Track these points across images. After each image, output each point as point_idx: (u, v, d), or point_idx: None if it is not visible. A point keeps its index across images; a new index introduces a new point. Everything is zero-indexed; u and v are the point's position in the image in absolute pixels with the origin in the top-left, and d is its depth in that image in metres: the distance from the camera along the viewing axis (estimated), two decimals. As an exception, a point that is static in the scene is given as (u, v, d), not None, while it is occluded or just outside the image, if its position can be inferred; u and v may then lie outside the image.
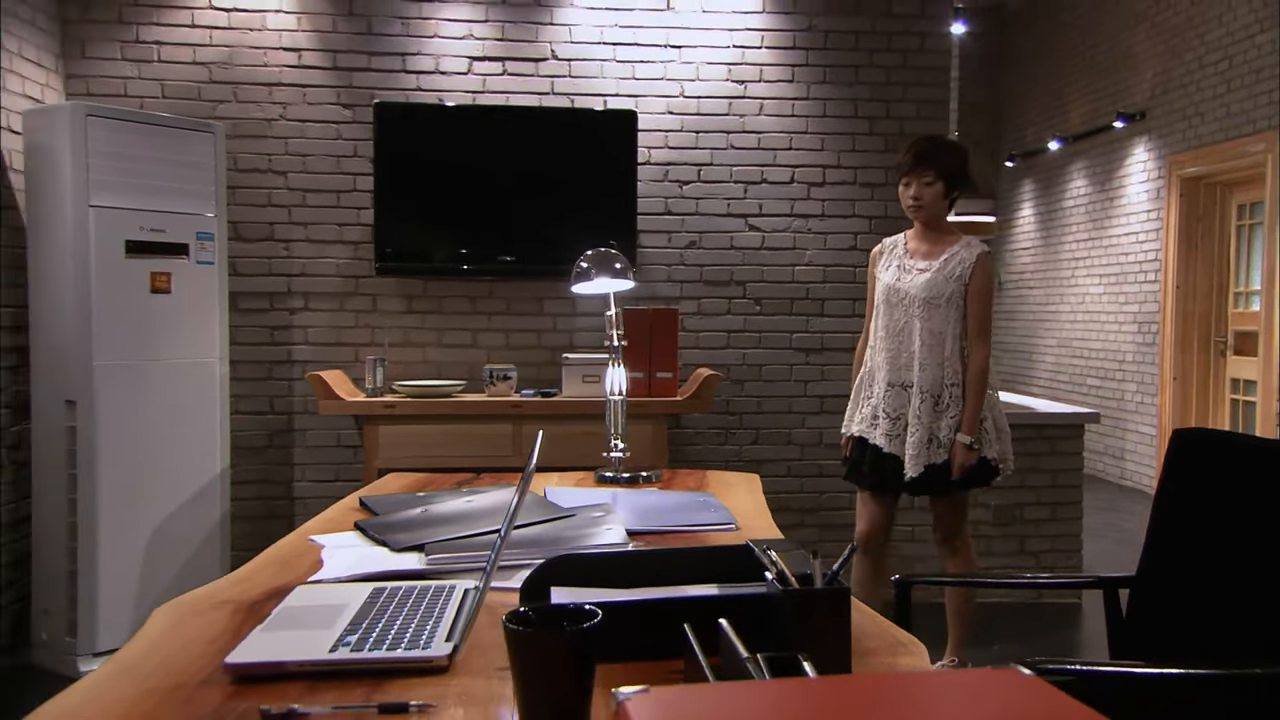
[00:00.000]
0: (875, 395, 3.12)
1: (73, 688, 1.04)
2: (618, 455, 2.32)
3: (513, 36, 4.17)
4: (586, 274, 2.26)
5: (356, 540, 1.68)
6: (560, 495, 1.99)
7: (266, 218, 4.10)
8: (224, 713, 0.98)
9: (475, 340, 4.19)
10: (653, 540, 1.70)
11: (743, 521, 1.87)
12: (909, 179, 3.03)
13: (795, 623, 1.07)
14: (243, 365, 4.05)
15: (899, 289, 3.08)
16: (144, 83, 4.05)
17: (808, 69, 4.28)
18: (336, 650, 1.09)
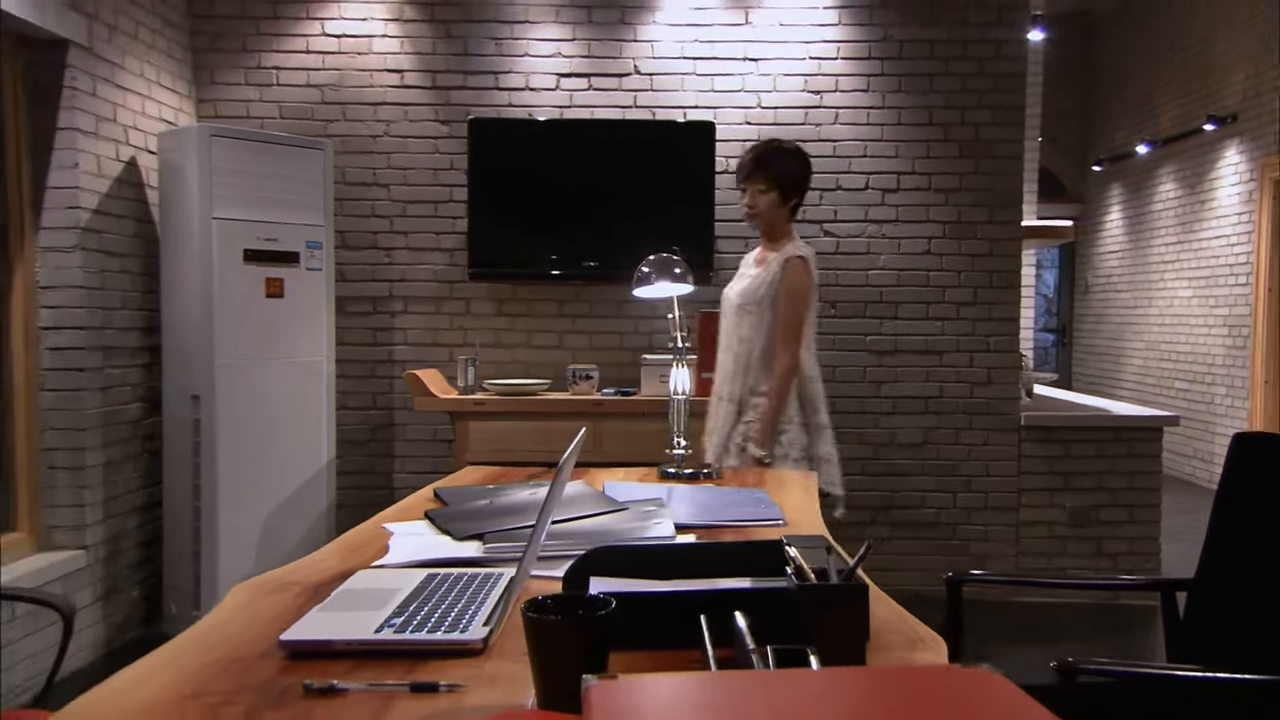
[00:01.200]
0: (711, 412, 2.97)
1: (148, 656, 1.10)
2: (679, 452, 2.32)
3: (598, 53, 4.20)
4: (647, 278, 2.27)
5: (424, 529, 1.72)
6: (618, 490, 2.00)
7: (370, 227, 4.22)
8: (273, 685, 1.02)
9: (561, 341, 4.24)
10: (702, 534, 1.70)
11: (792, 518, 1.86)
12: (744, 186, 2.86)
13: (810, 617, 1.06)
14: (348, 364, 4.19)
15: (727, 297, 2.95)
16: (264, 105, 4.21)
17: (883, 78, 4.20)
18: (381, 631, 1.13)
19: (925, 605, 2.01)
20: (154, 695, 0.98)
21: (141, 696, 0.98)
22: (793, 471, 2.50)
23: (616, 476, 2.30)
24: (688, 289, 2.30)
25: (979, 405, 4.26)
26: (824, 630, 1.05)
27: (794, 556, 1.14)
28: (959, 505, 4.28)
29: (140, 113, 3.78)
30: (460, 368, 3.91)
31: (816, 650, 0.99)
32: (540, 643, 0.94)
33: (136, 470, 3.73)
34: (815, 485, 2.23)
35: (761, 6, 4.18)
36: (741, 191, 2.87)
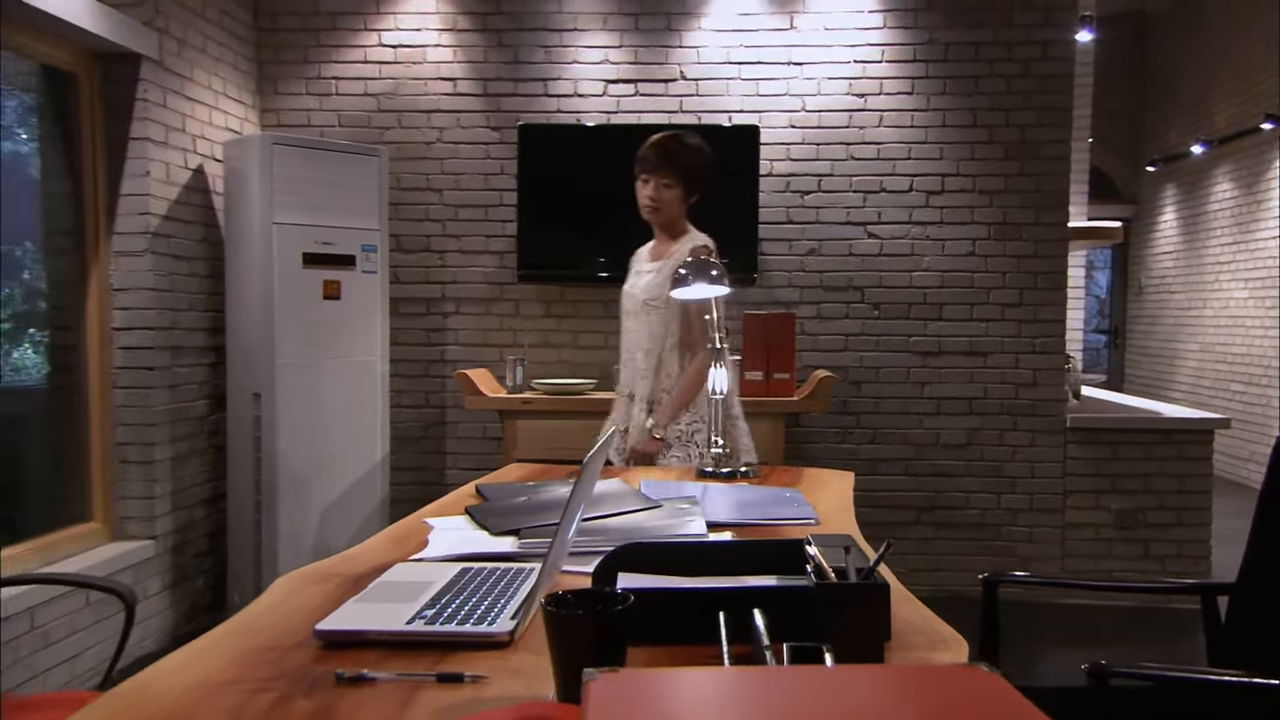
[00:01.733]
0: (616, 411, 2.85)
1: (193, 642, 1.13)
2: (717, 451, 2.32)
3: (645, 60, 4.21)
4: (684, 280, 2.27)
5: (463, 524, 1.74)
6: (653, 488, 2.01)
7: (424, 231, 4.28)
8: (306, 673, 1.04)
9: (607, 342, 4.25)
10: (734, 533, 1.70)
11: (825, 517, 1.84)
12: (648, 178, 2.68)
13: (827, 615, 1.05)
14: (402, 364, 4.25)
15: (629, 295, 2.80)
16: (324, 114, 4.29)
17: (927, 81, 4.15)
18: (412, 623, 1.14)
19: (969, 606, 1.98)
20: (194, 680, 1.01)
21: (183, 681, 1.01)
22: (828, 471, 2.47)
23: (654, 475, 2.31)
24: (724, 290, 2.30)
25: (1024, 407, 4.19)
26: (841, 629, 1.04)
27: (814, 555, 1.14)
28: (1003, 506, 4.21)
29: (207, 122, 3.88)
30: (509, 367, 3.95)
31: (833, 648, 0.99)
32: (559, 636, 0.94)
33: (202, 464, 3.82)
34: (851, 484, 2.21)
35: (806, 11, 4.15)
36: (642, 183, 2.70)
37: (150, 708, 0.93)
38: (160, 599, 3.56)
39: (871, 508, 4.20)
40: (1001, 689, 0.61)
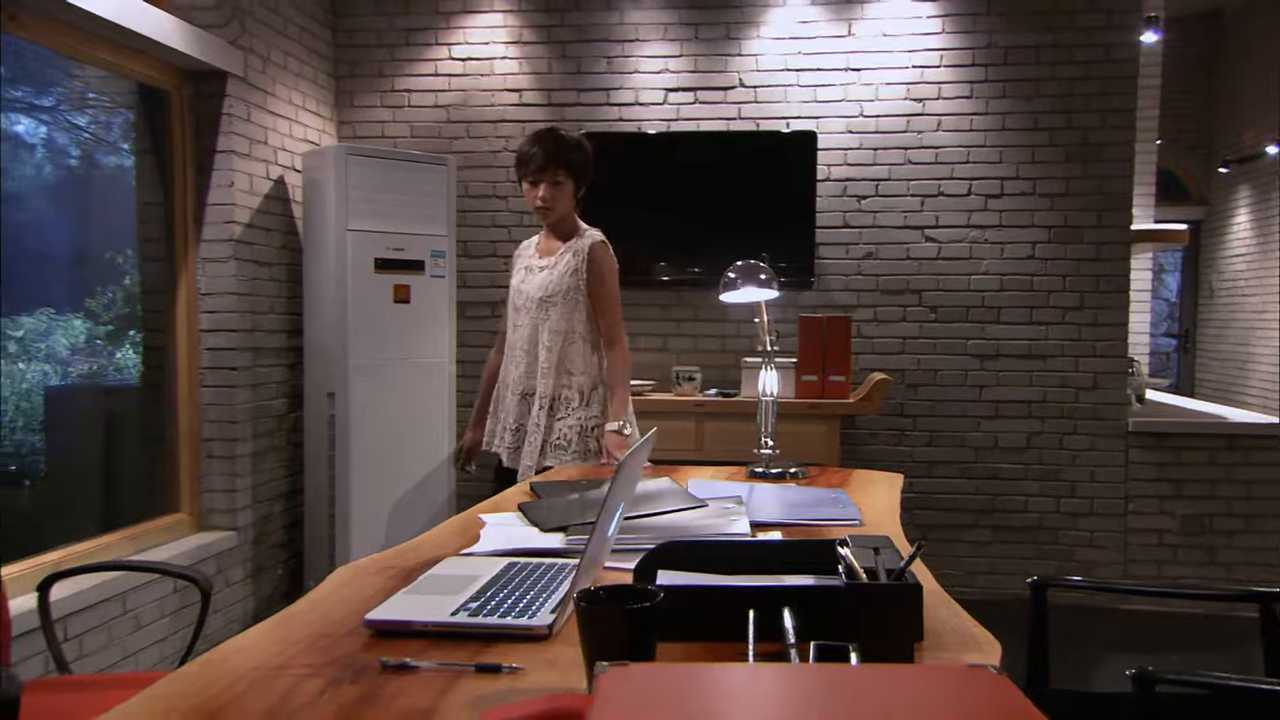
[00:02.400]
0: (504, 408, 2.77)
1: (253, 628, 1.17)
2: (767, 452, 2.31)
3: (704, 68, 4.21)
4: (734, 284, 2.27)
5: (515, 520, 1.77)
6: (701, 487, 2.01)
7: (490, 237, 4.34)
8: (353, 660, 1.07)
9: (665, 344, 4.26)
10: (779, 533, 1.69)
11: (870, 518, 1.82)
12: (537, 178, 2.62)
13: (856, 615, 1.04)
14: (469, 364, 4.31)
15: (521, 292, 2.72)
16: (397, 125, 4.38)
17: (986, 85, 4.06)
18: (457, 614, 1.17)
19: (1026, 610, 1.94)
20: (250, 664, 1.05)
21: (241, 664, 1.05)
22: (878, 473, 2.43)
23: (706, 475, 2.31)
24: (773, 294, 2.28)
25: (1084, 410, 4.07)
26: (869, 628, 1.03)
27: (845, 555, 1.13)
28: (1063, 510, 4.10)
29: (288, 135, 3.99)
30: (571, 369, 3.98)
31: (860, 647, 0.98)
32: (589, 629, 0.96)
33: (281, 460, 3.93)
34: (899, 486, 2.18)
35: (864, 18, 4.10)
36: (530, 184, 2.64)
37: (208, 689, 0.97)
38: (242, 586, 3.68)
39: (928, 510, 4.14)
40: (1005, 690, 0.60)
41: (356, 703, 0.95)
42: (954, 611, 1.25)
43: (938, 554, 4.14)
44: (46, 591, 1.95)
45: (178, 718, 0.90)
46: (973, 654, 1.11)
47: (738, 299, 2.32)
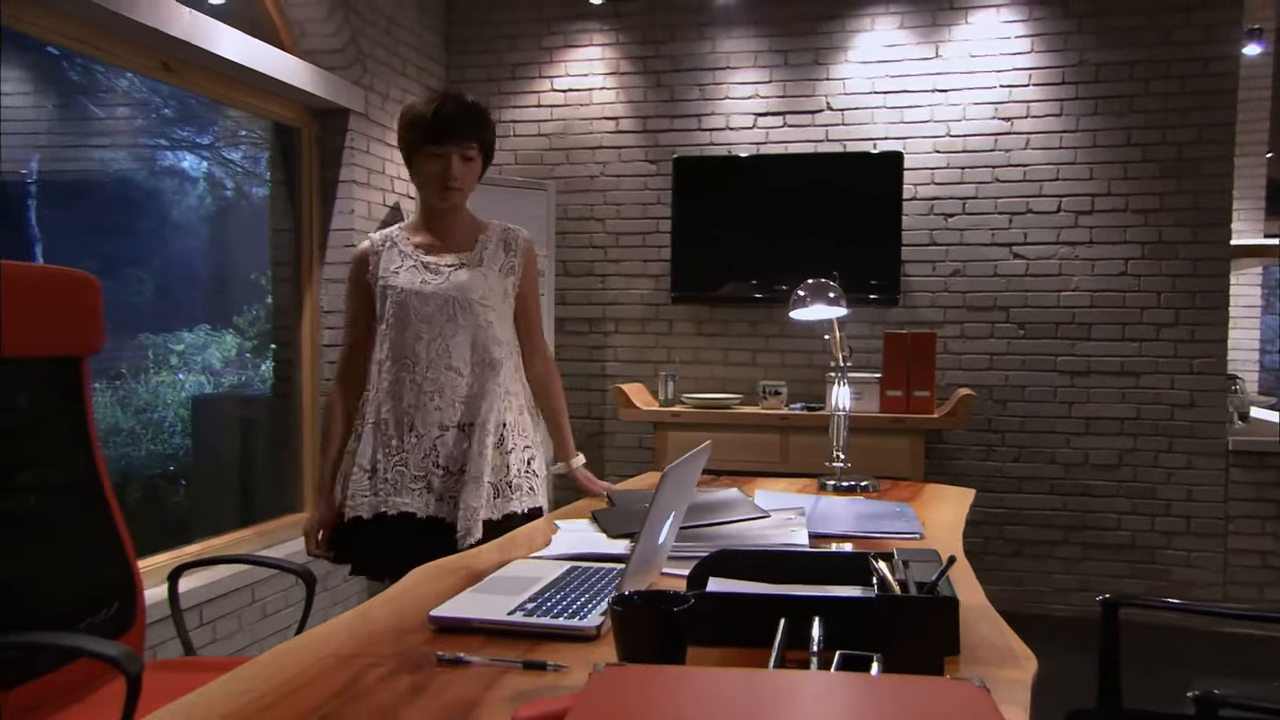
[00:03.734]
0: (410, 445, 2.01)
1: (334, 619, 1.23)
2: (838, 465, 2.28)
3: (792, 93, 4.19)
4: (803, 301, 2.25)
5: (587, 526, 1.80)
6: (767, 499, 2.00)
7: (587, 257, 4.42)
8: (415, 653, 1.12)
9: (754, 359, 4.25)
10: (834, 544, 1.67)
11: (931, 532, 1.79)
12: (444, 150, 1.95)
13: (884, 626, 1.03)
14: (567, 378, 4.39)
15: (428, 294, 2.00)
16: (503, 153, 4.51)
17: (1077, 102, 3.92)
18: (513, 614, 1.20)
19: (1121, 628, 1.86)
20: (325, 652, 1.11)
21: (315, 653, 1.11)
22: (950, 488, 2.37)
23: (779, 486, 2.30)
24: (841, 312, 2.26)
25: (1181, 428, 3.86)
26: (896, 640, 1.02)
27: (878, 568, 1.12)
28: (1157, 529, 3.89)
29: (404, 165, 4.16)
30: (661, 382, 4.01)
31: (884, 658, 0.97)
32: (622, 632, 0.98)
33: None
34: (969, 501, 2.12)
35: (952, 40, 4.02)
36: (432, 156, 1.96)
37: (281, 675, 1.03)
38: (357, 581, 3.83)
39: (1016, 525, 3.99)
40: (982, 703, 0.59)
41: (410, 692, 0.99)
42: (997, 626, 1.22)
43: (1027, 569, 3.98)
44: (176, 581, 2.09)
45: (254, 698, 0.97)
46: (1009, 669, 1.08)
47: (807, 316, 2.30)
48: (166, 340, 3.76)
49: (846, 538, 1.71)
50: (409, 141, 1.99)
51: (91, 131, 5.47)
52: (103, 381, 3.57)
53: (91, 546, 1.85)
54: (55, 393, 1.82)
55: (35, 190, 5.31)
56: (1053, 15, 3.92)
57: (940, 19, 4.02)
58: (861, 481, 2.25)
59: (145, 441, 3.57)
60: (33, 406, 1.78)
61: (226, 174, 4.06)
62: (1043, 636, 3.70)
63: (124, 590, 1.88)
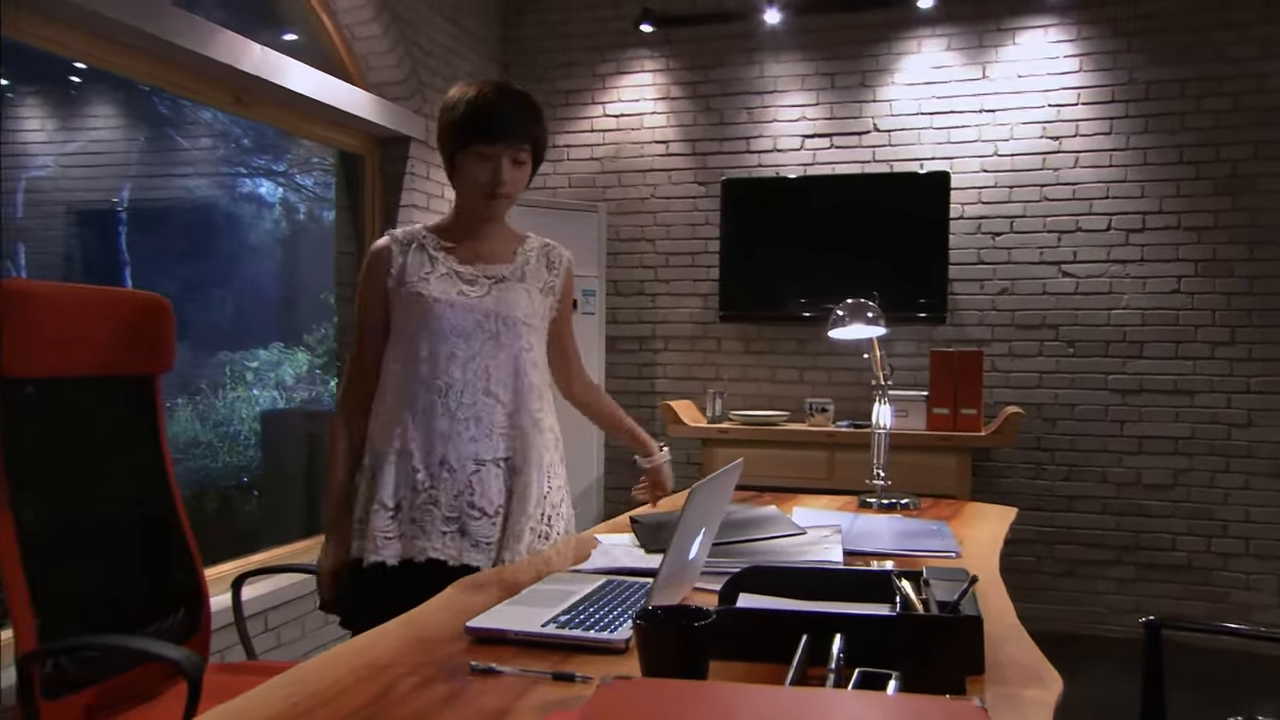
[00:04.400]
0: (442, 482, 1.68)
1: (377, 629, 1.26)
2: (879, 483, 2.26)
3: (839, 115, 4.17)
4: (842, 320, 2.24)
5: (626, 541, 1.81)
6: (805, 516, 1.99)
7: (638, 277, 4.45)
8: (450, 662, 1.14)
9: (801, 377, 4.22)
10: (870, 561, 1.66)
11: (969, 551, 1.76)
12: (494, 151, 1.65)
13: (905, 644, 1.02)
14: (618, 395, 4.41)
15: (467, 307, 1.70)
16: (557, 176, 4.58)
17: (1127, 120, 3.83)
18: (546, 626, 1.22)
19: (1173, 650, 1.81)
20: (364, 661, 1.14)
21: (356, 661, 1.14)
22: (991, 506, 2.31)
23: (820, 503, 2.28)
24: (880, 331, 2.24)
25: (1238, 448, 3.73)
26: (916, 658, 1.01)
27: (900, 586, 1.11)
28: (1214, 550, 3.76)
29: (459, 187, 4.25)
30: (709, 399, 4.01)
31: (903, 676, 0.96)
32: (644, 647, 0.98)
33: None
34: (1009, 520, 2.08)
35: (999, 60, 3.96)
36: (480, 157, 1.66)
37: (321, 681, 1.06)
38: (414, 590, 3.89)
39: (1067, 544, 3.89)
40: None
41: (441, 700, 1.01)
42: (1025, 646, 1.20)
43: (1080, 589, 3.87)
44: (239, 589, 2.15)
45: (293, 703, 1.00)
46: (1033, 689, 1.06)
47: (846, 335, 2.29)
48: (243, 358, 3.89)
49: (882, 555, 1.69)
50: (453, 139, 1.68)
51: (177, 161, 5.70)
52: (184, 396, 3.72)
53: (162, 555, 1.92)
54: (132, 410, 1.90)
55: (125, 217, 5.55)
56: (1101, 34, 3.84)
57: (987, 40, 3.97)
58: (902, 499, 2.23)
59: (221, 454, 3.69)
60: (112, 423, 1.86)
61: (300, 199, 4.19)
62: (1094, 658, 3.60)
63: (190, 596, 1.95)
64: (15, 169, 5.24)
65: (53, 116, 5.20)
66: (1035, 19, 3.91)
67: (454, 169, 1.71)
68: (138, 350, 1.89)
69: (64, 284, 1.81)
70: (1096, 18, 3.85)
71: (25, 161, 5.27)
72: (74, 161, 5.40)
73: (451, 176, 1.74)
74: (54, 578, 1.65)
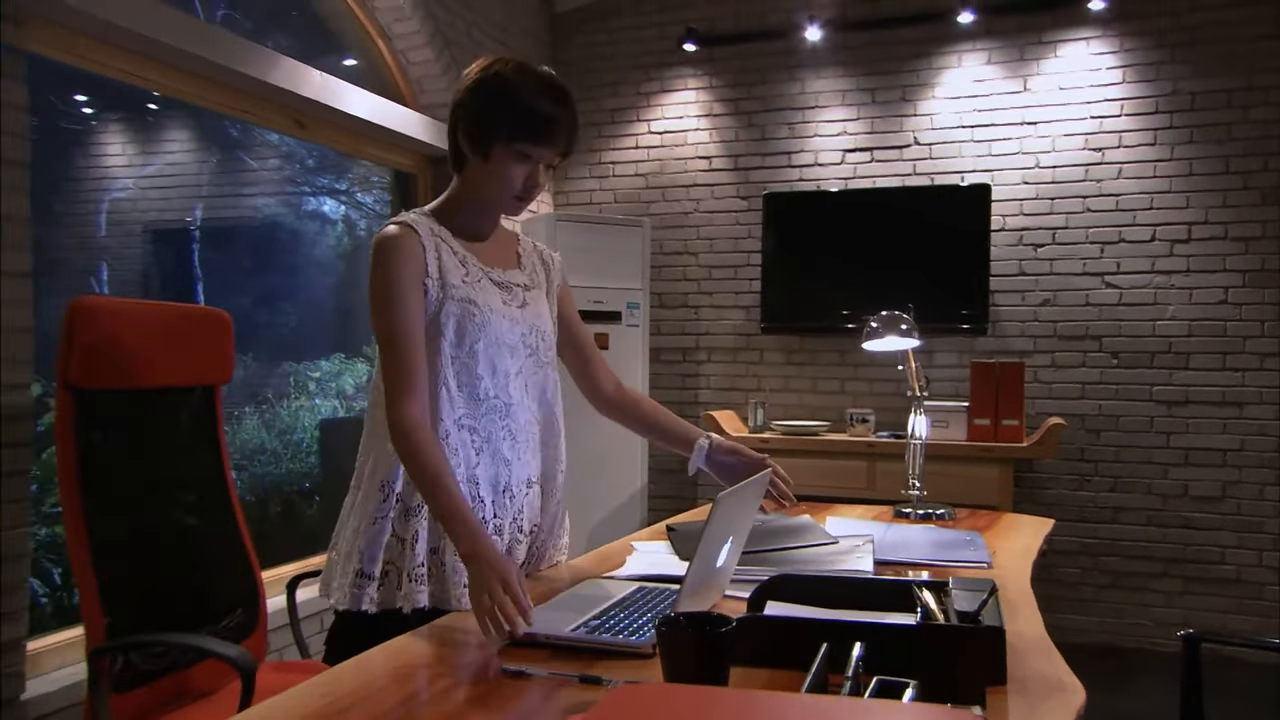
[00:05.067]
0: (503, 509, 1.52)
1: (414, 631, 1.28)
2: (914, 493, 2.23)
3: (880, 129, 4.14)
4: (876, 333, 2.23)
5: (661, 548, 1.82)
6: (838, 525, 1.98)
7: (681, 289, 4.46)
8: (483, 664, 1.16)
9: (843, 387, 4.19)
10: (899, 571, 1.64)
11: (1001, 562, 1.73)
12: (540, 154, 1.47)
13: (924, 654, 1.02)
14: (662, 405, 4.42)
15: (514, 319, 1.53)
16: (603, 193, 4.62)
17: (1171, 131, 3.74)
18: (576, 630, 1.23)
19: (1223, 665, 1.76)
20: (402, 662, 1.16)
21: (394, 662, 1.17)
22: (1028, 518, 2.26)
23: (856, 513, 2.26)
24: (914, 343, 2.22)
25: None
26: (934, 668, 1.00)
27: (921, 597, 1.10)
28: (1265, 564, 3.63)
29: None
30: (751, 409, 4.00)
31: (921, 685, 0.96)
32: (665, 652, 0.99)
33: (500, 484, 4.19)
34: (1043, 532, 2.04)
35: (1040, 73, 3.90)
36: (522, 157, 1.45)
37: (356, 681, 1.09)
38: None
39: (1112, 556, 3.79)
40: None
41: (469, 701, 1.03)
42: (1050, 658, 1.18)
43: (1125, 602, 3.77)
44: (294, 591, 2.20)
45: (329, 701, 1.02)
46: (1054, 700, 1.04)
47: (880, 347, 2.27)
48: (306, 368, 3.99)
49: (914, 565, 1.68)
50: (496, 130, 1.44)
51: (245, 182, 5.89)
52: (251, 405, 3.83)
53: (222, 557, 1.98)
54: (194, 419, 1.97)
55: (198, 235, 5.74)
56: (1145, 46, 3.76)
57: (1028, 53, 3.91)
58: (937, 510, 2.20)
59: (285, 460, 3.79)
60: (176, 431, 1.93)
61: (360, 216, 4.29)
62: (1138, 671, 3.50)
63: (249, 598, 2.00)
64: (99, 191, 5.46)
65: (132, 142, 5.41)
66: (1077, 31, 3.84)
67: (483, 159, 1.46)
68: (200, 362, 1.95)
69: (131, 300, 1.89)
70: (1140, 29, 3.77)
71: (107, 184, 5.49)
72: (151, 183, 5.61)
73: (473, 165, 1.48)
74: (122, 578, 1.72)
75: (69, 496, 1.66)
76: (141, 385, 1.82)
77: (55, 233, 5.20)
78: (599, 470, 4.01)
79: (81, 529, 1.66)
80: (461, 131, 1.49)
